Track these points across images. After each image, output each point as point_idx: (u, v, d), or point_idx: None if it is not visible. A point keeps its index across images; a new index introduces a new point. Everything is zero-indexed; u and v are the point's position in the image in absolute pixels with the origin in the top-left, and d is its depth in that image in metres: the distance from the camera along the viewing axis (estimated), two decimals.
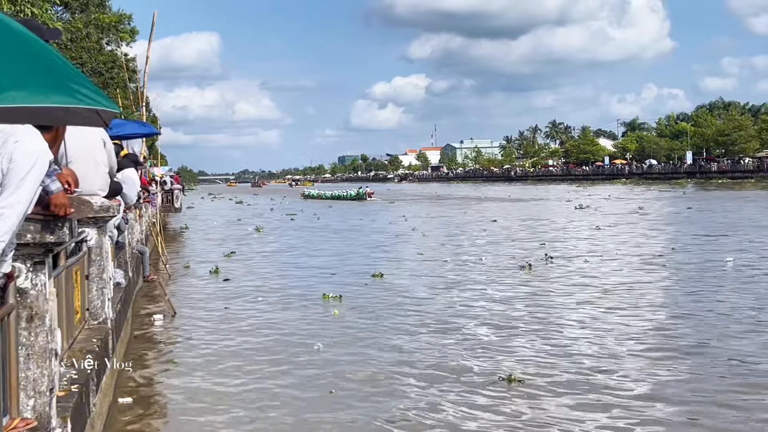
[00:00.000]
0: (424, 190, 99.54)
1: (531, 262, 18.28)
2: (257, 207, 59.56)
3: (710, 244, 22.52)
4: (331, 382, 8.50)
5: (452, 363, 9.23)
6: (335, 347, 10.16)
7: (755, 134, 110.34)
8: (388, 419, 7.25)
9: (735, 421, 7.02)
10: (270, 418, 7.39)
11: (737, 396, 7.72)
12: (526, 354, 9.69)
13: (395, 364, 9.28)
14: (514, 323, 11.64)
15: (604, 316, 12.07)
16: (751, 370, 8.69)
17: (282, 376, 8.88)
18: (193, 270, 19.12)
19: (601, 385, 8.22)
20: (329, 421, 7.25)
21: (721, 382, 8.26)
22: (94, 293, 6.94)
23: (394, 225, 35.64)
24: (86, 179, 6.35)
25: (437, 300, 13.92)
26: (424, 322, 11.82)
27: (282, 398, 7.96)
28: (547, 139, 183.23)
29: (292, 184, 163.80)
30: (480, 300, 13.81)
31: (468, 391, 8.03)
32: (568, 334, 10.79)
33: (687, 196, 57.44)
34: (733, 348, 9.71)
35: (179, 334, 11.50)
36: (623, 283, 15.44)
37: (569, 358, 9.42)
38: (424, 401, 7.74)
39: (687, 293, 14.18)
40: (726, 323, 11.25)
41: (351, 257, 21.68)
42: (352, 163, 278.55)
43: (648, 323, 11.54)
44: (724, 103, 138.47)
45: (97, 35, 33.71)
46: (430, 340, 10.51)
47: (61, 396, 4.56)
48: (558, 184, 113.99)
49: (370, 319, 12.17)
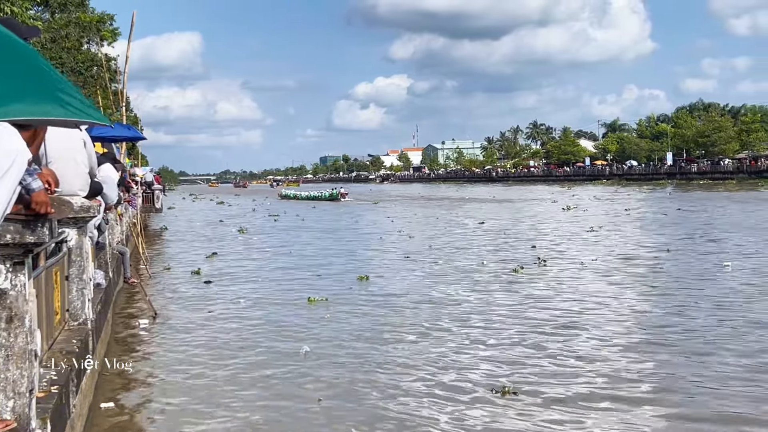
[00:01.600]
0: (407, 191, 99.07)
1: (522, 266, 17.98)
2: (239, 208, 59.37)
3: (704, 246, 22.13)
4: (317, 388, 8.35)
5: (443, 372, 8.97)
6: (322, 352, 9.96)
7: (735, 135, 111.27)
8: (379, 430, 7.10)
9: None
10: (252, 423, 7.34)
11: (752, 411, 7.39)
12: (520, 363, 9.36)
13: (382, 370, 9.09)
14: (505, 330, 11.28)
15: (602, 323, 11.73)
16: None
17: (266, 379, 8.81)
18: (174, 271, 19.02)
19: (600, 396, 7.98)
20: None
21: (728, 396, 7.88)
22: (74, 294, 6.89)
23: (380, 226, 35.51)
24: (66, 179, 6.31)
25: (425, 305, 13.55)
26: (412, 328, 11.54)
27: (269, 407, 7.80)
28: (529, 139, 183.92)
29: (273, 185, 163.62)
30: (470, 305, 13.46)
31: (461, 404, 7.75)
32: (563, 343, 10.41)
33: (673, 197, 57.47)
34: (743, 353, 9.45)
35: (160, 336, 11.45)
36: (621, 288, 15.13)
37: (566, 367, 9.14)
38: (415, 414, 7.51)
39: (689, 299, 13.56)
40: (735, 330, 10.86)
41: (336, 259, 21.40)
42: (334, 163, 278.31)
43: (648, 331, 11.16)
44: (704, 105, 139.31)
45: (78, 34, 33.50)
46: (419, 348, 10.22)
47: (41, 397, 4.53)
48: (539, 184, 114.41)
49: (356, 324, 11.92)
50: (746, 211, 37.28)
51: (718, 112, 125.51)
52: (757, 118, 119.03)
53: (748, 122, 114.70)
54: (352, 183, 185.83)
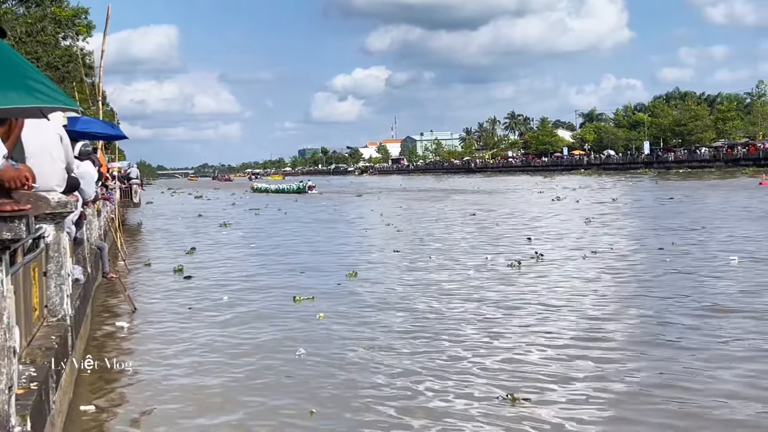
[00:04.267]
0: (388, 183, 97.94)
1: (520, 261, 17.09)
2: (219, 201, 59.00)
3: (704, 235, 21.64)
4: (307, 392, 7.96)
5: (446, 378, 8.31)
6: (314, 356, 9.40)
7: (711, 124, 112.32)
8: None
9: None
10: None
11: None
12: (527, 366, 8.74)
13: (379, 375, 8.56)
14: (507, 330, 10.64)
15: (609, 318, 11.20)
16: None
17: (250, 376, 8.68)
18: (154, 267, 18.77)
19: (614, 400, 7.51)
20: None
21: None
22: (53, 290, 6.85)
23: (365, 219, 34.95)
24: (43, 175, 6.26)
25: (418, 303, 12.79)
26: (407, 329, 10.90)
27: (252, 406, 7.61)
28: (507, 130, 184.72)
29: (251, 178, 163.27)
30: (466, 303, 12.68)
31: (469, 415, 7.16)
32: (571, 342, 9.84)
33: (660, 187, 57.19)
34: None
35: (140, 332, 11.40)
36: (627, 282, 14.53)
37: (578, 369, 8.57)
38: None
39: (702, 295, 12.68)
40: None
41: (322, 255, 20.62)
42: (313, 156, 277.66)
43: (659, 325, 10.62)
44: (680, 94, 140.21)
45: (53, 29, 33.26)
46: (417, 350, 9.60)
47: (20, 394, 4.51)
48: (518, 175, 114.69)
49: (347, 324, 11.25)
50: (732, 200, 36.82)
51: (694, 100, 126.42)
52: (733, 106, 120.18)
53: (724, 111, 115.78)
54: (331, 175, 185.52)
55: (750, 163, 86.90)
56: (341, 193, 67.79)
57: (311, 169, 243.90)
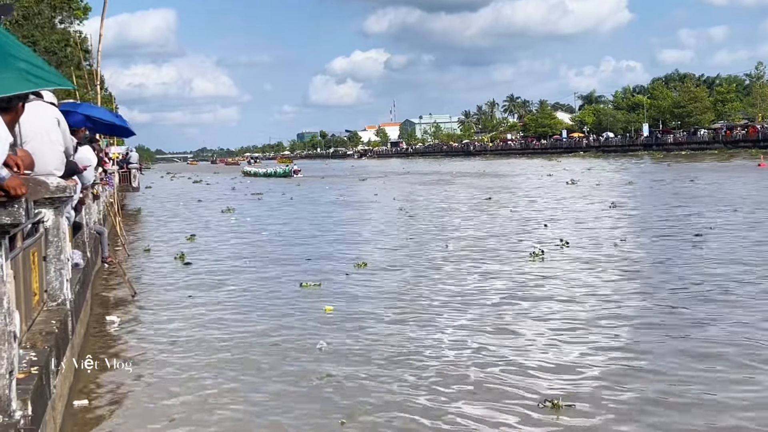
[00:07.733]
0: (388, 167, 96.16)
1: (543, 249, 15.87)
2: (219, 186, 58.81)
3: (748, 220, 20.55)
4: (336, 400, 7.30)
5: (480, 382, 7.60)
6: (330, 353, 8.80)
7: (710, 106, 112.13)
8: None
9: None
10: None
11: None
12: (565, 368, 7.97)
13: (408, 377, 7.89)
14: (535, 327, 9.75)
15: (654, 311, 10.28)
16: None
17: (251, 371, 8.42)
18: (154, 253, 18.60)
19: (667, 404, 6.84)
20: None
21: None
22: (53, 275, 6.84)
23: (373, 205, 33.71)
24: (41, 159, 6.23)
25: (434, 297, 11.89)
26: (424, 325, 10.08)
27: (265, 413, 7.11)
28: (506, 113, 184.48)
29: (250, 162, 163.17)
30: (487, 296, 11.81)
31: (509, 423, 6.53)
32: (609, 340, 9.03)
33: (673, 169, 56.27)
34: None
35: (139, 319, 11.39)
36: (669, 272, 13.17)
37: (624, 370, 7.83)
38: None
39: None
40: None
41: (328, 242, 19.68)
42: (311, 139, 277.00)
43: (713, 324, 9.53)
44: (679, 75, 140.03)
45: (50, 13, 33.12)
46: (438, 350, 8.82)
47: (21, 378, 4.50)
48: (517, 157, 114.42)
49: (355, 320, 10.46)
50: (748, 183, 36.03)
51: (693, 82, 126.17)
52: (732, 88, 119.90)
53: (723, 92, 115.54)
54: (330, 159, 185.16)
55: (750, 144, 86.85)
56: (343, 177, 67.38)
57: (310, 152, 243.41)
